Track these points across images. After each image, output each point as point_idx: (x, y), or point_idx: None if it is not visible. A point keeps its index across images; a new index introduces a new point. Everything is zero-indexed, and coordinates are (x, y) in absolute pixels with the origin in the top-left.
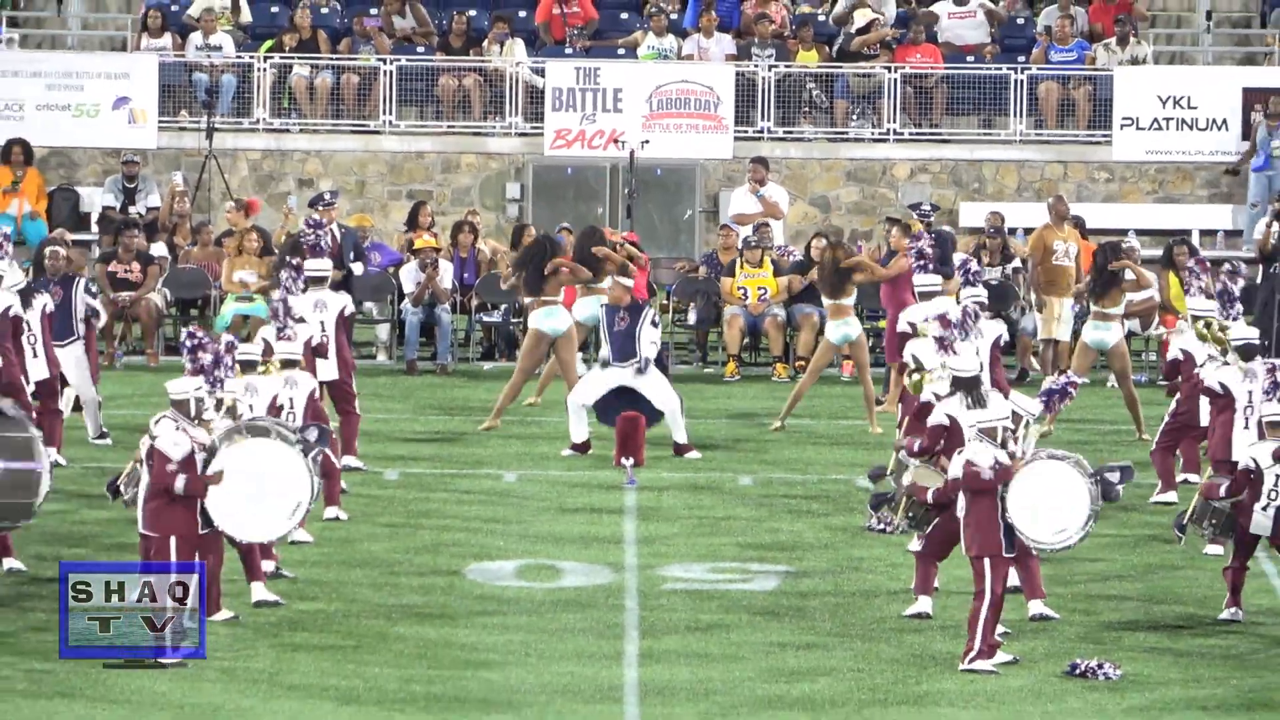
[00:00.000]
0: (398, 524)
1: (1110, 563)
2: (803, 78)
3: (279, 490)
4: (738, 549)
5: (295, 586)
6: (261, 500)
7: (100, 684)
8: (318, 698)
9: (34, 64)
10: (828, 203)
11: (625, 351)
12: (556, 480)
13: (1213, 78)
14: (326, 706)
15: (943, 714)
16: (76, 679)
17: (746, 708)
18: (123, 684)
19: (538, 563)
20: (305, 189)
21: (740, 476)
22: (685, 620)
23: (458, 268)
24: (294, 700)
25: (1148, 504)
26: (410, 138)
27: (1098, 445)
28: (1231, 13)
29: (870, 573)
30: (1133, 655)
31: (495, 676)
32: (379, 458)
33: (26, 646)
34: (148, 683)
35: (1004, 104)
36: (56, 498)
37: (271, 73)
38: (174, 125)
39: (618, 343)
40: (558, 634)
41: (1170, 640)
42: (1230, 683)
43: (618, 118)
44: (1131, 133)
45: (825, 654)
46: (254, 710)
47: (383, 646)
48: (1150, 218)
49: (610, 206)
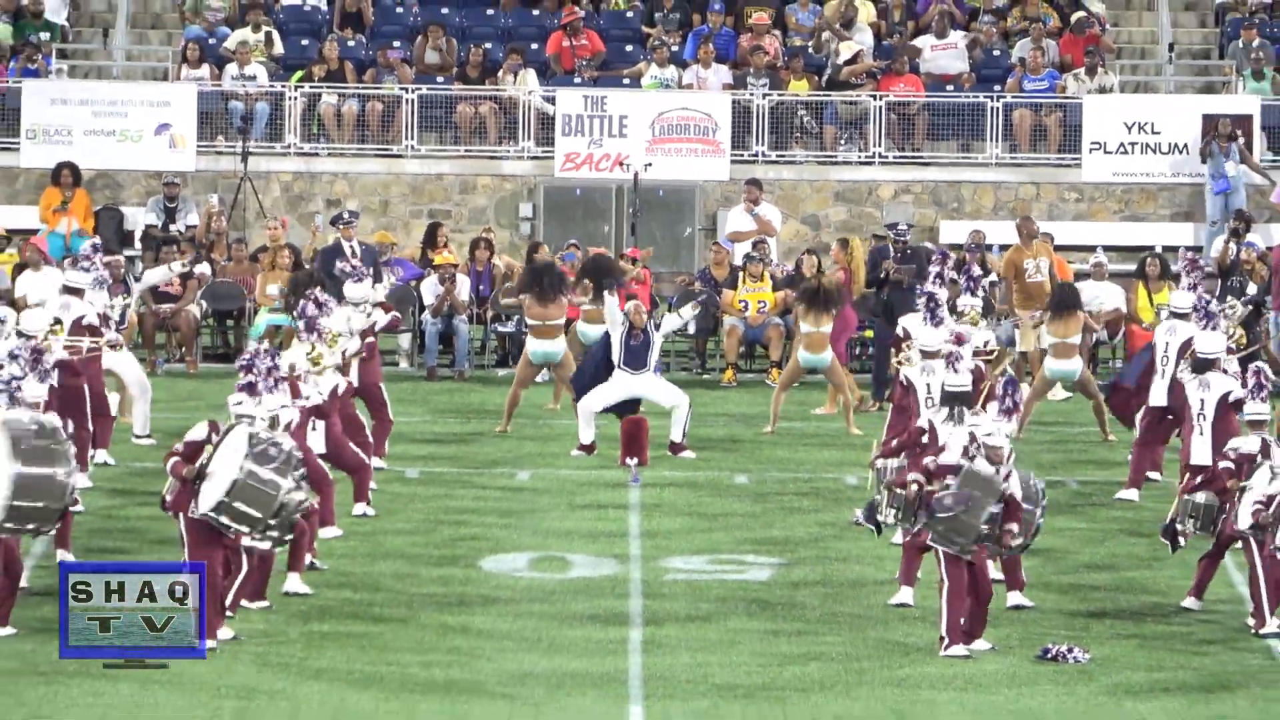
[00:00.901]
0: (419, 519)
1: (1080, 555)
2: (794, 105)
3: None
4: (734, 543)
5: (324, 577)
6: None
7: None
8: (344, 680)
9: (82, 93)
10: (818, 221)
11: (636, 362)
12: (566, 479)
13: (1174, 105)
14: (352, 689)
15: (923, 696)
16: None
17: (743, 690)
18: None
19: (548, 555)
20: (333, 209)
21: (737, 475)
22: (686, 609)
23: (474, 281)
24: (322, 683)
25: (1114, 499)
26: (430, 161)
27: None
28: (1192, 45)
29: (857, 564)
30: (1101, 641)
31: (509, 661)
32: (402, 458)
33: None
34: (187, 666)
35: (981, 130)
36: (105, 494)
37: (302, 101)
38: (211, 150)
39: (631, 354)
40: (567, 622)
41: (1135, 627)
42: (1191, 667)
43: (623, 142)
44: (1099, 156)
45: (815, 640)
46: (285, 692)
47: (405, 633)
48: (1117, 235)
49: (616, 225)
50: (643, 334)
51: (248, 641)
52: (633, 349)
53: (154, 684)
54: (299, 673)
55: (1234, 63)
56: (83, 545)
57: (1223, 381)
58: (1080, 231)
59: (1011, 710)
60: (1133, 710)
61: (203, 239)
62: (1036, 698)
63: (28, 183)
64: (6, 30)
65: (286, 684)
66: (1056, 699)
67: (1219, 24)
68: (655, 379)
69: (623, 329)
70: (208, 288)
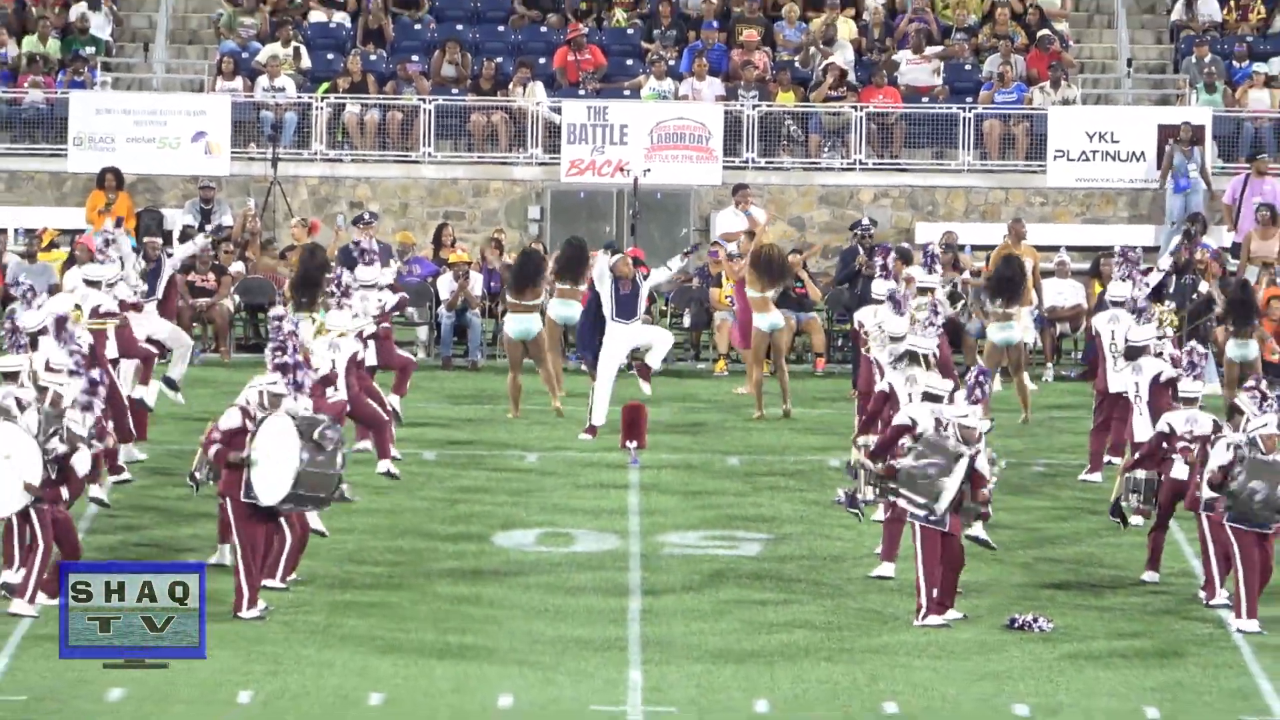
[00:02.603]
0: (435, 498)
1: (1044, 531)
2: (781, 116)
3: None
4: (726, 519)
5: (347, 550)
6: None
7: None
8: (366, 647)
9: (124, 103)
10: (803, 222)
11: (627, 311)
12: (571, 460)
13: (1132, 116)
14: (373, 654)
15: (900, 661)
16: None
17: (733, 655)
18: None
19: (555, 531)
20: (356, 211)
21: (728, 458)
22: (681, 581)
23: (486, 278)
24: (345, 649)
25: (1078, 481)
26: (446, 166)
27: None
28: (1148, 60)
29: (839, 540)
30: (1064, 611)
31: (518, 629)
32: (419, 441)
33: None
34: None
35: (954, 138)
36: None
37: (327, 111)
38: (244, 156)
39: (622, 305)
40: (571, 592)
41: (1095, 598)
42: (1147, 635)
43: (623, 149)
44: (1063, 163)
45: (800, 610)
46: (311, 657)
47: (422, 603)
48: (1079, 236)
49: (617, 226)
50: (631, 284)
51: (277, 610)
52: (623, 299)
53: None
54: (324, 639)
55: (1187, 77)
56: (122, 524)
57: (1153, 364)
58: (1045, 233)
59: (981, 675)
60: (1092, 675)
61: (238, 238)
62: (1004, 663)
63: (75, 186)
64: (55, 45)
65: (313, 650)
66: (1022, 664)
67: (1173, 41)
68: (645, 327)
69: (610, 282)
70: (240, 283)
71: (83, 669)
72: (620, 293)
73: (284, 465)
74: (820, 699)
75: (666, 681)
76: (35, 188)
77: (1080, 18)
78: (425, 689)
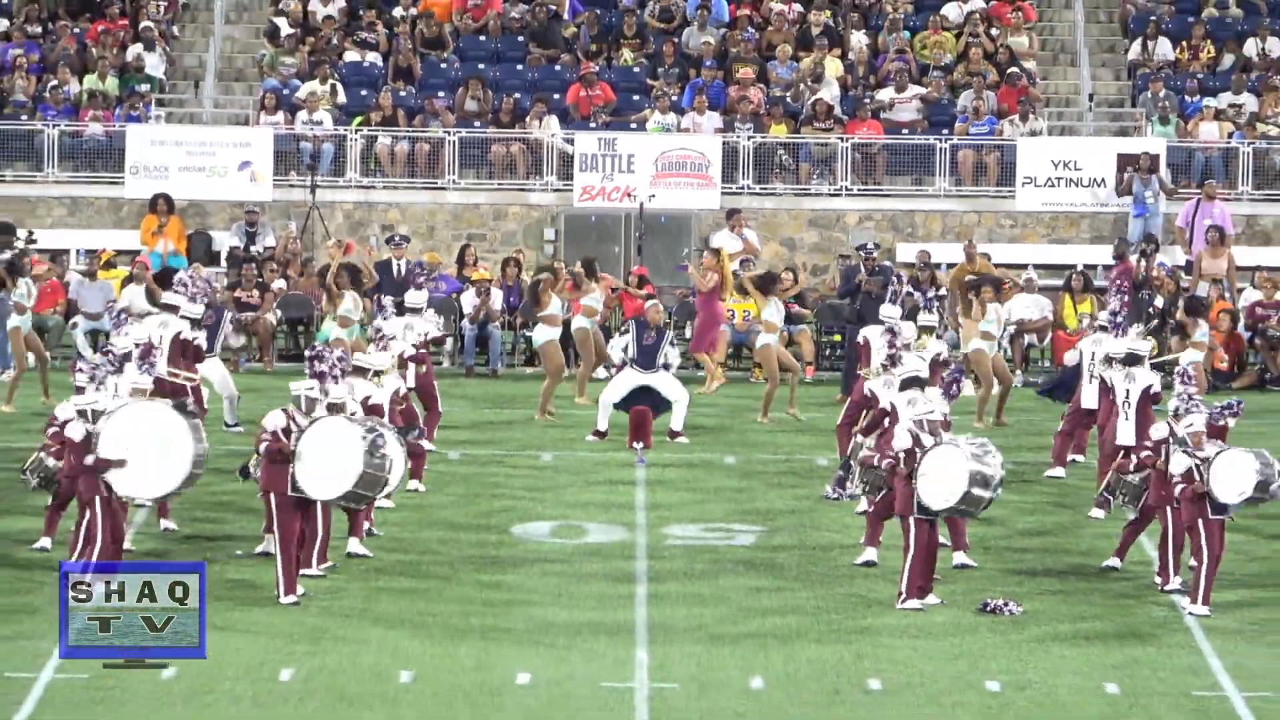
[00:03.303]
0: (460, 493)
1: (1013, 523)
2: (774, 146)
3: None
4: (724, 513)
5: (380, 541)
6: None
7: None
8: (397, 627)
9: (176, 135)
10: (794, 243)
11: (648, 361)
12: (583, 460)
13: (1093, 146)
14: (404, 635)
15: (883, 643)
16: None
17: (731, 638)
18: (243, 618)
19: (568, 524)
20: (387, 233)
21: (726, 457)
22: (683, 569)
23: (505, 294)
24: (379, 629)
25: (1044, 477)
26: (469, 193)
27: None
28: (1108, 96)
29: (828, 531)
30: (1032, 596)
31: (534, 612)
32: (445, 442)
33: None
34: (263, 616)
35: (931, 166)
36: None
37: (361, 142)
38: (285, 183)
39: (644, 354)
40: (583, 579)
41: (1061, 584)
42: (1108, 618)
43: (630, 177)
44: (1031, 189)
45: (792, 595)
46: (347, 637)
47: (447, 589)
48: (1045, 255)
49: (624, 247)
50: (655, 333)
51: (315, 596)
52: (645, 349)
53: (235, 632)
54: (359, 621)
55: (1144, 110)
56: (184, 515)
57: (1147, 376)
58: (1014, 252)
59: (956, 654)
60: (1058, 654)
61: (280, 258)
62: (977, 644)
63: (131, 211)
64: (114, 83)
65: (348, 630)
66: (994, 645)
67: (1131, 78)
68: (663, 375)
69: (635, 330)
70: (282, 299)
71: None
72: (644, 342)
73: (345, 465)
74: (810, 676)
75: (670, 660)
76: (95, 212)
77: (1046, 56)
78: (450, 667)
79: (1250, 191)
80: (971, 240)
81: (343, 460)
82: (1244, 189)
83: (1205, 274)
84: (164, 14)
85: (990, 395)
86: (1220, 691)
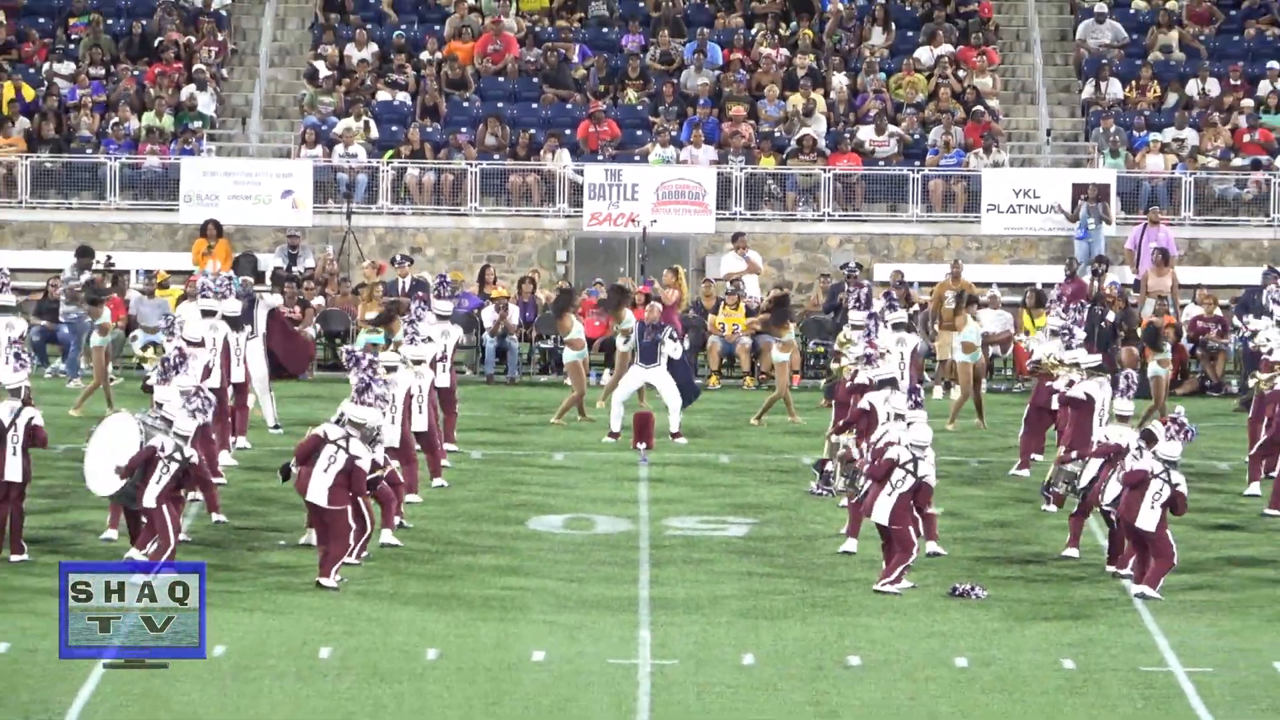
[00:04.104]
0: (481, 489)
1: (979, 516)
2: (763, 176)
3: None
4: (719, 506)
5: (410, 532)
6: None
7: (272, 600)
8: (425, 608)
9: (225, 167)
10: (781, 264)
11: (649, 357)
12: (592, 459)
13: (1050, 177)
14: (430, 617)
15: (861, 621)
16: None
17: (725, 617)
18: (287, 601)
19: (578, 516)
20: (415, 254)
21: (721, 456)
22: (681, 556)
23: (522, 310)
24: (409, 610)
25: (1007, 475)
26: (489, 218)
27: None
28: (1064, 131)
29: (813, 523)
30: (996, 581)
31: (548, 595)
32: (467, 443)
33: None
34: (305, 600)
35: (905, 195)
36: (245, 471)
37: (392, 173)
38: (323, 210)
39: (645, 351)
40: (592, 565)
41: (1022, 571)
42: (1063, 600)
43: (634, 204)
44: (995, 215)
45: (779, 580)
46: (381, 618)
47: (470, 574)
48: (1007, 275)
49: (629, 267)
50: (654, 331)
51: (351, 581)
52: (645, 346)
53: (279, 614)
54: (390, 604)
55: (1096, 144)
56: (233, 509)
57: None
58: (979, 272)
59: (928, 633)
60: (1019, 632)
61: (319, 277)
62: (947, 624)
63: (185, 235)
64: (169, 120)
65: (380, 613)
66: (962, 624)
67: (1084, 114)
68: (664, 375)
69: (637, 330)
70: (321, 314)
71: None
72: (644, 340)
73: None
74: (796, 653)
75: (670, 639)
76: (152, 236)
77: (1008, 95)
78: (472, 645)
79: (1192, 217)
80: (957, 260)
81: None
82: (1186, 215)
83: (1151, 292)
84: (215, 58)
85: (966, 401)
86: (1166, 667)
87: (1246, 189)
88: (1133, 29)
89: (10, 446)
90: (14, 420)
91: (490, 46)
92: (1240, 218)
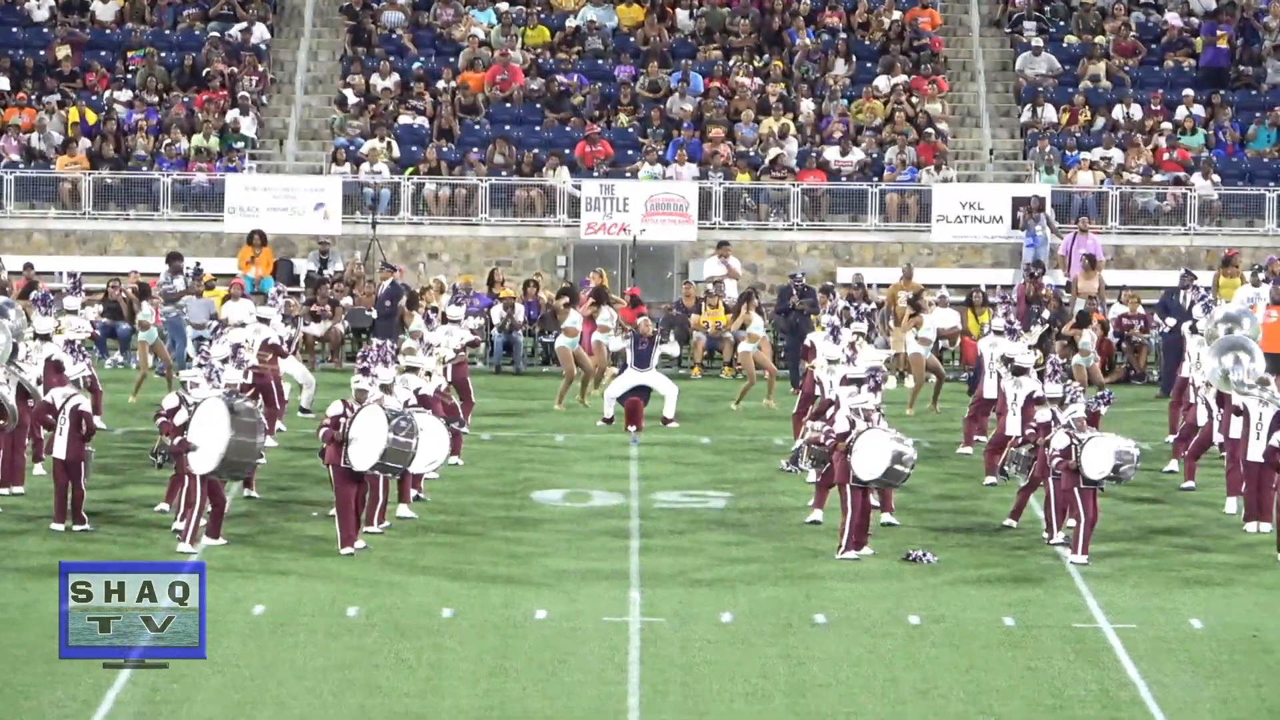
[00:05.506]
0: (490, 466)
1: (930, 490)
2: (739, 191)
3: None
4: (701, 482)
5: (426, 505)
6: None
7: (306, 564)
8: (439, 575)
9: (265, 183)
10: (755, 268)
11: (643, 361)
12: (588, 440)
13: (993, 191)
14: (445, 580)
15: (827, 585)
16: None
17: (706, 582)
18: (317, 566)
19: (576, 491)
20: (433, 260)
21: (702, 437)
22: (668, 527)
23: (527, 309)
24: (426, 577)
25: (955, 454)
26: (497, 228)
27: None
28: (1005, 151)
29: (783, 497)
30: (945, 548)
31: (549, 562)
32: (479, 426)
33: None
34: (334, 565)
35: (865, 207)
36: (283, 450)
37: (412, 188)
38: (351, 220)
39: (640, 357)
40: (588, 536)
41: (968, 539)
42: (1005, 565)
43: (626, 215)
44: (944, 224)
45: (754, 548)
46: (401, 584)
47: (480, 544)
48: (955, 278)
49: (621, 271)
50: (648, 341)
51: (374, 550)
52: (640, 352)
53: (311, 578)
54: (409, 570)
55: (1034, 162)
56: (266, 484)
57: (1030, 383)
58: (931, 275)
59: (884, 594)
60: (966, 594)
61: (347, 280)
62: (901, 586)
63: (229, 243)
64: (215, 141)
65: (400, 578)
66: (915, 586)
67: (1023, 136)
68: (656, 374)
69: (631, 339)
70: (349, 313)
71: (236, 588)
72: (639, 347)
73: (375, 442)
74: (769, 612)
75: (657, 599)
76: (200, 244)
77: (955, 119)
78: (482, 605)
79: (1118, 227)
80: (909, 264)
81: (374, 437)
82: (1113, 224)
83: (1081, 293)
84: (255, 86)
85: (921, 390)
86: (1095, 624)
87: (1166, 202)
88: (1065, 60)
89: (59, 427)
90: (64, 404)
91: (499, 76)
92: (1160, 227)
